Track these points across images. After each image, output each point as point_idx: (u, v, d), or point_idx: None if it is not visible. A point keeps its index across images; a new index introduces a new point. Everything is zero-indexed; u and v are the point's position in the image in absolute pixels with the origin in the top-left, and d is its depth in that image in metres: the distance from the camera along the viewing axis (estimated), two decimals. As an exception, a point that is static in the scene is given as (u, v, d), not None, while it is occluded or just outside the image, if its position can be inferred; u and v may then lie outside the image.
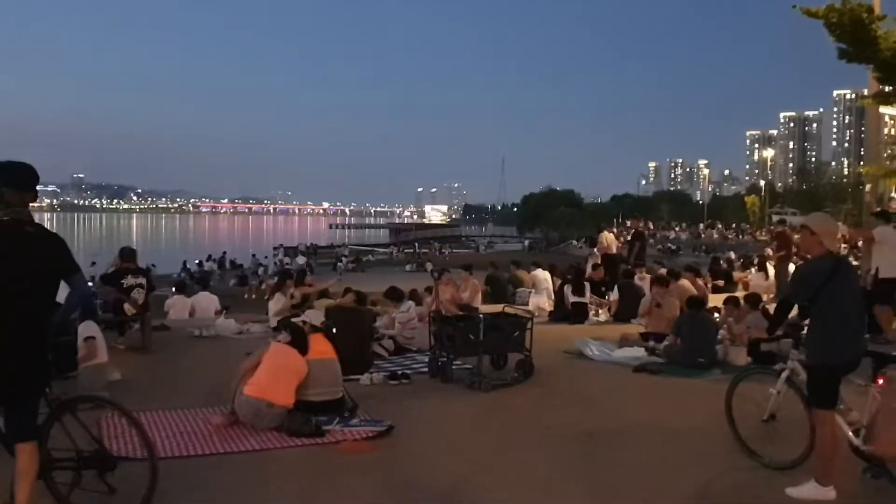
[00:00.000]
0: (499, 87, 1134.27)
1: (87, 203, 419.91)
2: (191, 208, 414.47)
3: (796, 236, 13.65)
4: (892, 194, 22.98)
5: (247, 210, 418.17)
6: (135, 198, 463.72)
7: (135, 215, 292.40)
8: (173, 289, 16.21)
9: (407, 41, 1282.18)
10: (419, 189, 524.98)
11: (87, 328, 7.83)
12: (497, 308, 10.85)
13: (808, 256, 5.25)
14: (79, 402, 4.66)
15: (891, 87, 14.96)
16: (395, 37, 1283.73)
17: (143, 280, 10.82)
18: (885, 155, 25.21)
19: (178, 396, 7.67)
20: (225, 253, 49.80)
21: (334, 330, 8.34)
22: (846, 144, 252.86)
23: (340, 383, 7.14)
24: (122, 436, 5.48)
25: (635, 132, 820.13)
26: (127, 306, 10.54)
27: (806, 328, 5.23)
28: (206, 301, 15.14)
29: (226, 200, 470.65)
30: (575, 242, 74.33)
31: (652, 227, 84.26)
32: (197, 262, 44.32)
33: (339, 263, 46.26)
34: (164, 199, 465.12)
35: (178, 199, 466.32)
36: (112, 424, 5.76)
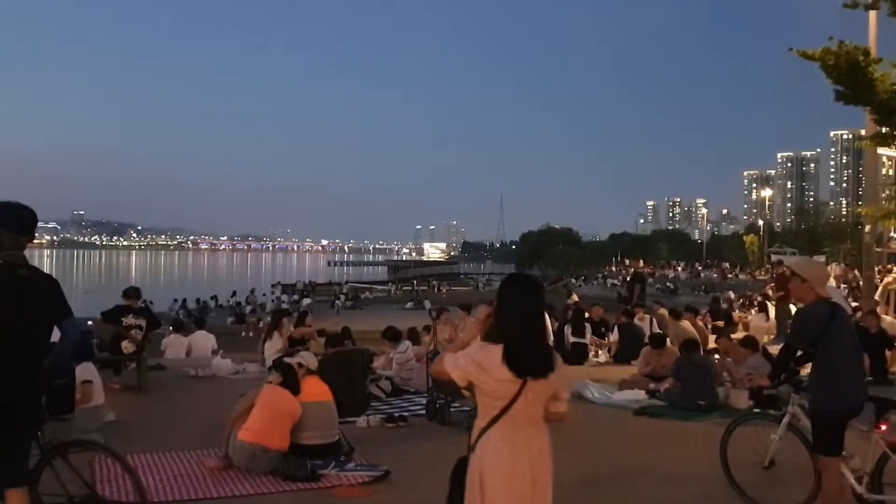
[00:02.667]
0: (498, 125, 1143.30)
1: (86, 240, 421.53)
2: (190, 246, 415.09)
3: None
4: (892, 234, 23.02)
5: (246, 248, 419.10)
6: (134, 235, 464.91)
7: (134, 252, 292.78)
8: (170, 327, 16.13)
9: (405, 78, 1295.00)
10: (418, 226, 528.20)
11: (85, 371, 7.76)
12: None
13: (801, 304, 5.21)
14: (71, 447, 4.59)
15: (888, 129, 15.04)
16: (393, 74, 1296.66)
17: (143, 322, 10.77)
18: (884, 196, 25.33)
19: (173, 438, 7.59)
20: (235, 293, 49.00)
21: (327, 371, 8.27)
22: (844, 184, 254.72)
23: (336, 426, 7.06)
24: (115, 480, 5.40)
25: (633, 171, 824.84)
26: (125, 344, 10.48)
27: (803, 372, 5.19)
28: (203, 340, 15.04)
29: (225, 238, 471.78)
30: (574, 281, 74.35)
31: (651, 267, 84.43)
32: (196, 299, 44.20)
33: (336, 301, 46.09)
34: (163, 237, 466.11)
35: (178, 237, 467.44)
36: (105, 468, 5.68)
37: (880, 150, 17.52)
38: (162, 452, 6.92)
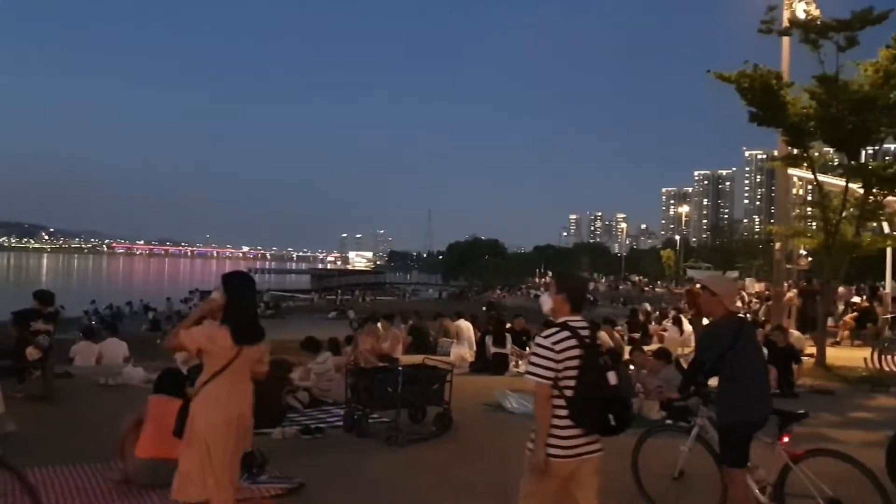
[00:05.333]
0: (426, 135, 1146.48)
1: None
2: (105, 249, 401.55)
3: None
4: (801, 252, 23.95)
5: (163, 252, 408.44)
6: (46, 237, 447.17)
7: (45, 255, 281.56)
8: (80, 334, 15.54)
9: (332, 86, 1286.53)
10: (344, 235, 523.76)
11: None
12: (418, 359, 10.77)
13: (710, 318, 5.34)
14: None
15: (798, 151, 15.64)
16: (319, 81, 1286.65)
17: (51, 327, 10.34)
18: (794, 215, 26.35)
19: (78, 450, 7.27)
20: (164, 302, 47.42)
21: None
22: (757, 202, 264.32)
23: (250, 437, 6.89)
24: (11, 495, 5.15)
25: (558, 186, 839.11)
26: (30, 350, 10.01)
27: (712, 385, 5.32)
28: (115, 347, 14.58)
29: (142, 242, 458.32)
30: (499, 291, 75.04)
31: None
32: (108, 305, 42.84)
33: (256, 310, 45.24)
34: (77, 240, 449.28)
35: (93, 240, 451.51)
36: (1, 483, 5.41)
37: (791, 171, 18.16)
38: (65, 466, 6.64)
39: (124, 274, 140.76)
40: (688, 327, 18.05)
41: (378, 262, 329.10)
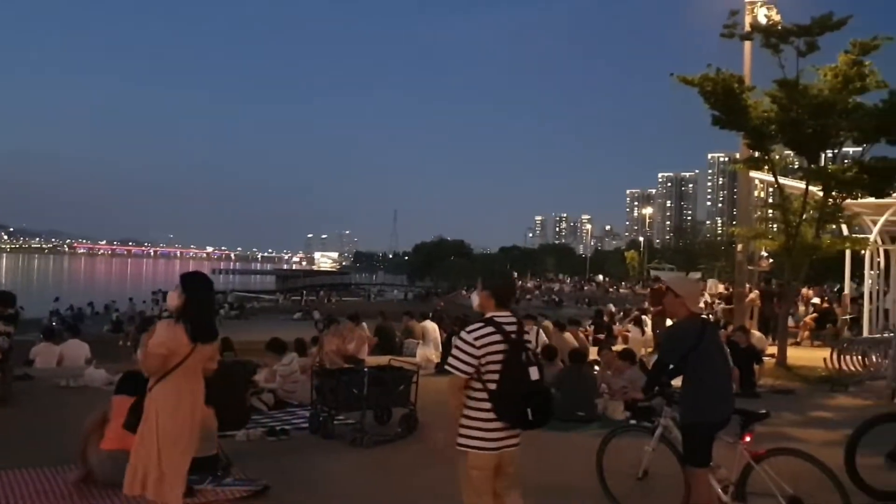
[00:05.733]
0: (392, 135, 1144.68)
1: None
2: (66, 249, 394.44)
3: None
4: (762, 253, 24.27)
5: (126, 252, 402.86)
6: (5, 237, 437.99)
7: (4, 255, 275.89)
8: (41, 335, 15.24)
9: (298, 83, 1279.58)
10: (309, 235, 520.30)
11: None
12: (384, 360, 10.73)
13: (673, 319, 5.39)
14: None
15: (759, 153, 15.87)
16: (285, 78, 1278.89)
17: (11, 329, 10.11)
18: (755, 216, 26.72)
19: (38, 453, 7.14)
20: (115, 301, 46.87)
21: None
22: (720, 204, 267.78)
23: (214, 440, 6.81)
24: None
25: (523, 187, 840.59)
26: (-13, 352, 9.80)
27: (675, 386, 5.38)
28: (76, 349, 14.30)
29: (104, 242, 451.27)
30: (464, 292, 75.08)
31: (538, 280, 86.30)
32: (69, 306, 42.18)
33: (220, 311, 44.80)
34: (37, 239, 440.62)
35: (53, 240, 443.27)
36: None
37: (752, 174, 18.41)
38: (24, 469, 6.53)
39: (86, 274, 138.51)
40: (650, 328, 18.22)
41: (344, 263, 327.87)
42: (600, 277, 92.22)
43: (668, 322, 14.30)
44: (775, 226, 23.75)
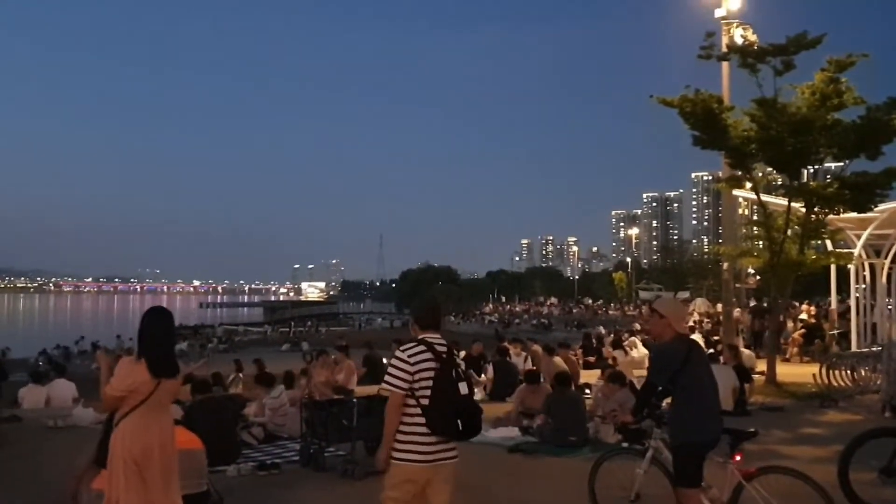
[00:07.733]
0: (375, 164, 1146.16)
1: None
2: (52, 288, 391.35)
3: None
4: (749, 271, 24.41)
5: (112, 289, 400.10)
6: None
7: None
8: (28, 376, 15.09)
9: (281, 115, 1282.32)
10: (296, 266, 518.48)
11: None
12: (372, 390, 10.68)
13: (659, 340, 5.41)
14: None
15: (741, 172, 16.01)
16: (268, 109, 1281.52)
17: (-2, 372, 10.06)
18: (741, 234, 26.91)
19: (26, 495, 7.10)
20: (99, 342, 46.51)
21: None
22: (705, 223, 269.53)
23: (205, 475, 6.76)
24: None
25: (509, 211, 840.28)
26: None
27: (665, 407, 5.39)
28: (63, 389, 14.14)
29: (90, 279, 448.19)
30: (452, 318, 75.00)
31: (526, 304, 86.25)
32: (56, 345, 41.90)
33: (209, 345, 44.54)
34: (22, 279, 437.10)
35: (38, 279, 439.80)
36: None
37: (735, 192, 18.55)
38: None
39: (72, 313, 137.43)
40: (639, 351, 18.25)
41: (331, 293, 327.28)
42: (588, 300, 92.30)
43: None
44: (760, 243, 23.90)
